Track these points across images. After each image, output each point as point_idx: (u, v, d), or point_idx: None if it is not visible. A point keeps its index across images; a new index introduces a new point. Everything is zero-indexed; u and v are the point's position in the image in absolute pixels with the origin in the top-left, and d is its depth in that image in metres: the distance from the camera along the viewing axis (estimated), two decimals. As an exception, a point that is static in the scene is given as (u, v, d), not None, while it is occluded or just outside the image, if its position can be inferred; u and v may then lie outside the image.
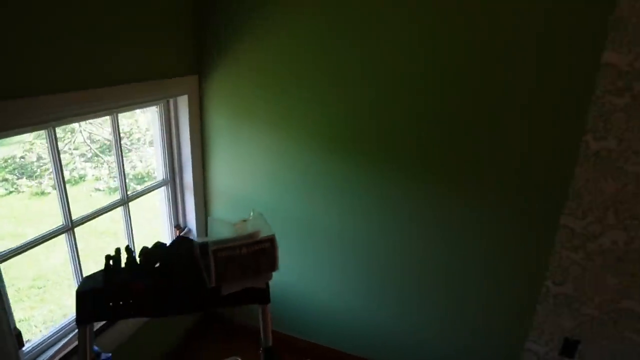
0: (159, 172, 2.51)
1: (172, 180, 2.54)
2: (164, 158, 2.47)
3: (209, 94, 2.41)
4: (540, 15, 1.74)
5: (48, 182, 5.40)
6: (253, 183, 2.48)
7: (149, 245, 1.29)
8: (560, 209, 1.91)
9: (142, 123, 6.25)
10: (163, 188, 2.52)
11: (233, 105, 2.38)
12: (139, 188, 2.37)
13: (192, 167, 2.52)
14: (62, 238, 1.85)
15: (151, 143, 5.76)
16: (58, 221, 1.82)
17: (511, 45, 1.80)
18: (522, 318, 2.13)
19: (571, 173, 1.86)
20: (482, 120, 1.93)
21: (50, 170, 1.80)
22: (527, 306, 2.10)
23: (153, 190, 2.43)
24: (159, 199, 2.58)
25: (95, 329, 1.62)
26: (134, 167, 5.94)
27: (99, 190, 5.65)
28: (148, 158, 6.05)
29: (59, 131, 3.73)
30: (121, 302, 1.20)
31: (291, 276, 2.59)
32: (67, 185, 1.81)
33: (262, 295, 1.29)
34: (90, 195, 5.54)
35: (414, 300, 2.34)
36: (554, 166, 1.88)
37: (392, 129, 2.09)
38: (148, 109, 2.34)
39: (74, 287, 1.70)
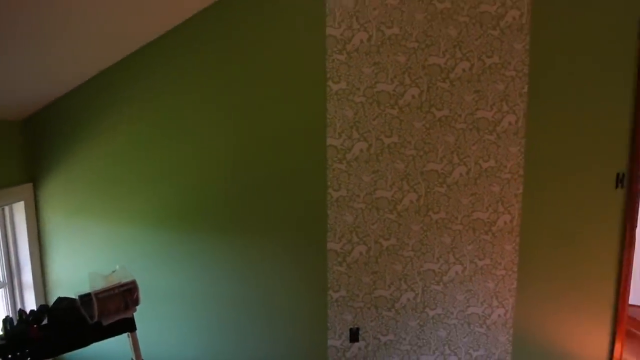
0: (-5, 276, 2.68)
1: (10, 282, 2.73)
2: (1, 262, 2.67)
3: (45, 197, 2.81)
4: (293, 124, 2.82)
5: None
6: (95, 267, 2.86)
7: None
8: (325, 238, 2.89)
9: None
10: (0, 290, 2.68)
11: (70, 203, 2.82)
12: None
13: (31, 267, 2.77)
14: None
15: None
16: None
17: (284, 145, 2.82)
18: (321, 323, 2.96)
19: (326, 213, 2.88)
20: (275, 188, 2.86)
21: None
22: (322, 313, 2.95)
23: (-10, 293, 2.59)
24: (-4, 303, 2.71)
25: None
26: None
27: None
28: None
29: None
30: (19, 353, 1.57)
31: (162, 347, 2.94)
32: None
33: (131, 325, 1.83)
34: None
35: (255, 331, 2.97)
36: (316, 210, 2.88)
37: (210, 203, 2.84)
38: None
39: None
